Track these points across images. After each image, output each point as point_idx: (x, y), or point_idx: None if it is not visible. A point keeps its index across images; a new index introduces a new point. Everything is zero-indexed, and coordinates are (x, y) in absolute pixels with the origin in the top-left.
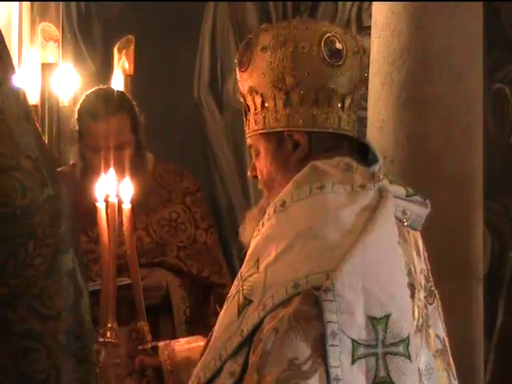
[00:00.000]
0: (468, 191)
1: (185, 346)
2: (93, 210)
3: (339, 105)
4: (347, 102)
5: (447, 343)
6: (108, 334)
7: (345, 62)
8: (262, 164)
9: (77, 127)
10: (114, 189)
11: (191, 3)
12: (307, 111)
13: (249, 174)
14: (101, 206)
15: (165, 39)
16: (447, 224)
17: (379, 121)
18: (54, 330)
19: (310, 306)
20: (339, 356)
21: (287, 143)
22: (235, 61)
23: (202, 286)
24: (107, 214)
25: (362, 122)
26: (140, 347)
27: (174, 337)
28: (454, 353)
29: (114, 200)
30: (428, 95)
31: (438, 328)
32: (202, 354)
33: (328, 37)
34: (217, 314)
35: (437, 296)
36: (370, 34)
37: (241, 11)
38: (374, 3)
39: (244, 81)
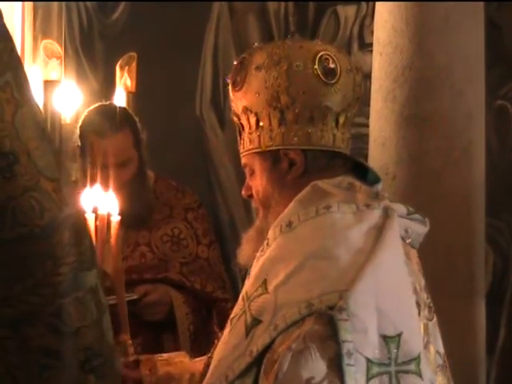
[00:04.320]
0: (470, 208)
1: (167, 360)
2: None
3: (333, 123)
4: (341, 120)
5: (446, 359)
6: None
7: (339, 80)
8: (257, 183)
9: (79, 143)
10: (102, 201)
11: (193, 20)
12: (302, 129)
13: (243, 193)
14: (89, 217)
15: (167, 56)
16: (449, 241)
17: (381, 137)
18: (72, 346)
19: (324, 326)
20: (355, 375)
21: (283, 162)
22: (228, 80)
23: (205, 302)
24: (96, 226)
25: (363, 138)
26: (122, 360)
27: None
28: (457, 369)
29: (103, 212)
30: (430, 112)
31: (438, 344)
32: (202, 375)
33: (322, 55)
34: (220, 330)
35: (434, 312)
36: (371, 51)
37: (243, 28)
38: (375, 20)
39: (238, 100)
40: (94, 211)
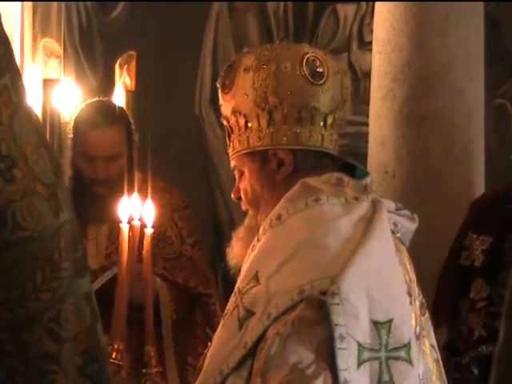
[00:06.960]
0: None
1: None
2: (81, 221)
3: (321, 123)
4: (329, 121)
5: (439, 353)
6: (113, 355)
7: (326, 81)
8: (246, 184)
9: (71, 135)
10: (137, 212)
11: (193, 19)
12: (290, 129)
13: (232, 196)
14: (124, 227)
15: (166, 55)
16: (448, 240)
17: (380, 136)
18: (70, 351)
19: (313, 311)
20: (347, 359)
21: (271, 161)
22: (217, 84)
23: (188, 295)
24: (128, 236)
25: (363, 137)
26: (144, 371)
27: (159, 338)
28: None
29: (137, 223)
30: (429, 110)
31: (432, 338)
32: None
33: (309, 57)
34: (203, 325)
35: (427, 308)
36: (371, 49)
37: (242, 26)
38: (375, 19)
39: (227, 103)
40: (129, 221)
